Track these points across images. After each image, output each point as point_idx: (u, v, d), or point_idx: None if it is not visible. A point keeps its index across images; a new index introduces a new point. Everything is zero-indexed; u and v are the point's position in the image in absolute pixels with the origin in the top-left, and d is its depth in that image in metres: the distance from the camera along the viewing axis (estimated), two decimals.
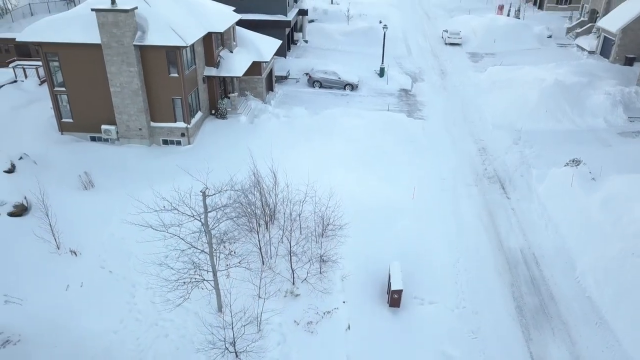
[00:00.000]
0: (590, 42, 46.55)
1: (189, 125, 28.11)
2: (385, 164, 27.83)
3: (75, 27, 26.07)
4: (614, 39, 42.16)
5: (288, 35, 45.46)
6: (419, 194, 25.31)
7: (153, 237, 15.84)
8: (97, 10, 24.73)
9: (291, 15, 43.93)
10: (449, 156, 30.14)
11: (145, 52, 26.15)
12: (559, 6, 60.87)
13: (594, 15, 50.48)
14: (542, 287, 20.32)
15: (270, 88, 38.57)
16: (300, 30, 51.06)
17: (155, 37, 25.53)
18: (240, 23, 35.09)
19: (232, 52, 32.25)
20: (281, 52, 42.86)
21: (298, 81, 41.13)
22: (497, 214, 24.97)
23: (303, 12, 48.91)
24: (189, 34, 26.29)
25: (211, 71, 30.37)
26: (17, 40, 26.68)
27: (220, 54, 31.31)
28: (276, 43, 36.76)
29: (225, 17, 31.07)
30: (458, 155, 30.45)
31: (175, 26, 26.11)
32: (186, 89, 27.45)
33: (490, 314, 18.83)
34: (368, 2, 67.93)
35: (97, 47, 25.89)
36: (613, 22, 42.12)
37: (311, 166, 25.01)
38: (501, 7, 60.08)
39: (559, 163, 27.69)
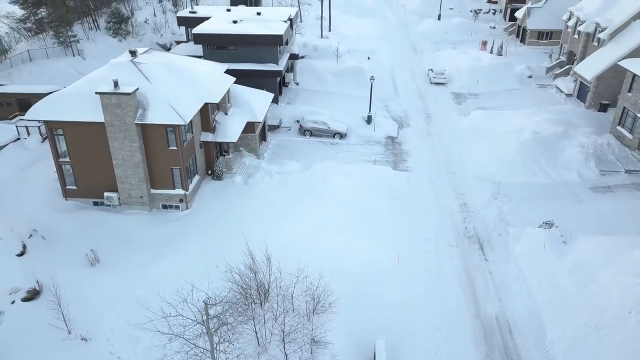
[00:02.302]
0: (568, 84, 48.86)
1: (187, 192, 29.84)
2: (372, 225, 29.54)
3: (79, 106, 27.71)
4: (589, 85, 44.42)
5: (279, 82, 47.29)
6: (403, 256, 27.19)
7: (160, 342, 17.57)
8: (101, 94, 26.43)
9: (282, 64, 45.77)
10: (432, 213, 32.03)
11: (146, 129, 27.87)
12: (540, 41, 63.30)
13: (571, 57, 52.81)
14: (514, 357, 22.24)
15: (263, 138, 40.39)
16: (291, 70, 52.91)
17: (155, 116, 27.25)
18: (233, 73, 36.68)
19: (226, 114, 34.06)
20: (273, 99, 44.60)
21: (290, 129, 42.97)
22: (476, 277, 26.89)
23: (294, 57, 50.82)
24: (187, 111, 28.01)
25: (207, 137, 32.12)
26: (23, 118, 28.31)
27: (216, 118, 33.09)
28: (268, 97, 38.66)
29: (220, 84, 32.85)
30: (441, 211, 32.36)
31: (174, 103, 27.85)
32: (184, 159, 29.19)
33: None
34: (357, 35, 69.80)
35: (100, 124, 27.57)
36: (588, 69, 44.36)
37: (301, 236, 26.94)
38: (485, 43, 62.35)
39: (534, 221, 29.67)
